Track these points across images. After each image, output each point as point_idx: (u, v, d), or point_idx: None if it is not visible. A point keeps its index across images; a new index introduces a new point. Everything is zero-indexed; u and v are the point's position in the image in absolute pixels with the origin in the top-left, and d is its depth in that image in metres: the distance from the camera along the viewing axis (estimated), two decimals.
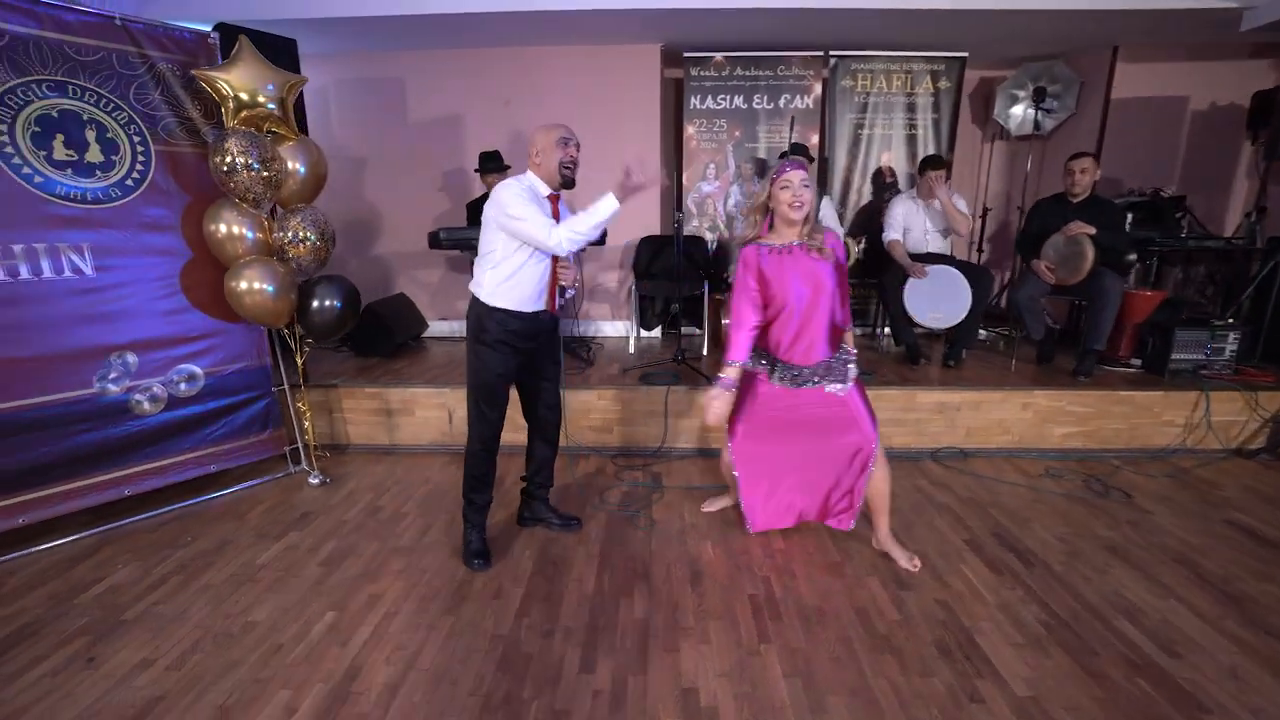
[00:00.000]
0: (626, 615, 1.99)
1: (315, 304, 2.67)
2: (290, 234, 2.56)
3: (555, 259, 2.13)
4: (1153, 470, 3.08)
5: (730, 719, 1.57)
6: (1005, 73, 4.65)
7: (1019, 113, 4.65)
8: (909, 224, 3.86)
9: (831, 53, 4.21)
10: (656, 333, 4.62)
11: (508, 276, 2.08)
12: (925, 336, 4.44)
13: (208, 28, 3.11)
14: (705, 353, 4.03)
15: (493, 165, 4.10)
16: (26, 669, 1.75)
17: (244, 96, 2.45)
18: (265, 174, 2.47)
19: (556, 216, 2.11)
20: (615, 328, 4.74)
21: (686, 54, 4.30)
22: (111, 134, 2.37)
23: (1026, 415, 3.27)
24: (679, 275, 3.67)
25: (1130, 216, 3.95)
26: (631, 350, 4.16)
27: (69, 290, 2.32)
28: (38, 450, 2.29)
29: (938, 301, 3.60)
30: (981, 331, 4.61)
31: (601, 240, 3.93)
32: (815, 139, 4.37)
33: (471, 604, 2.05)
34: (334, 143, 4.59)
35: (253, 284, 2.49)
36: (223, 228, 2.48)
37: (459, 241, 3.54)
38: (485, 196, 4.19)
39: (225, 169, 2.40)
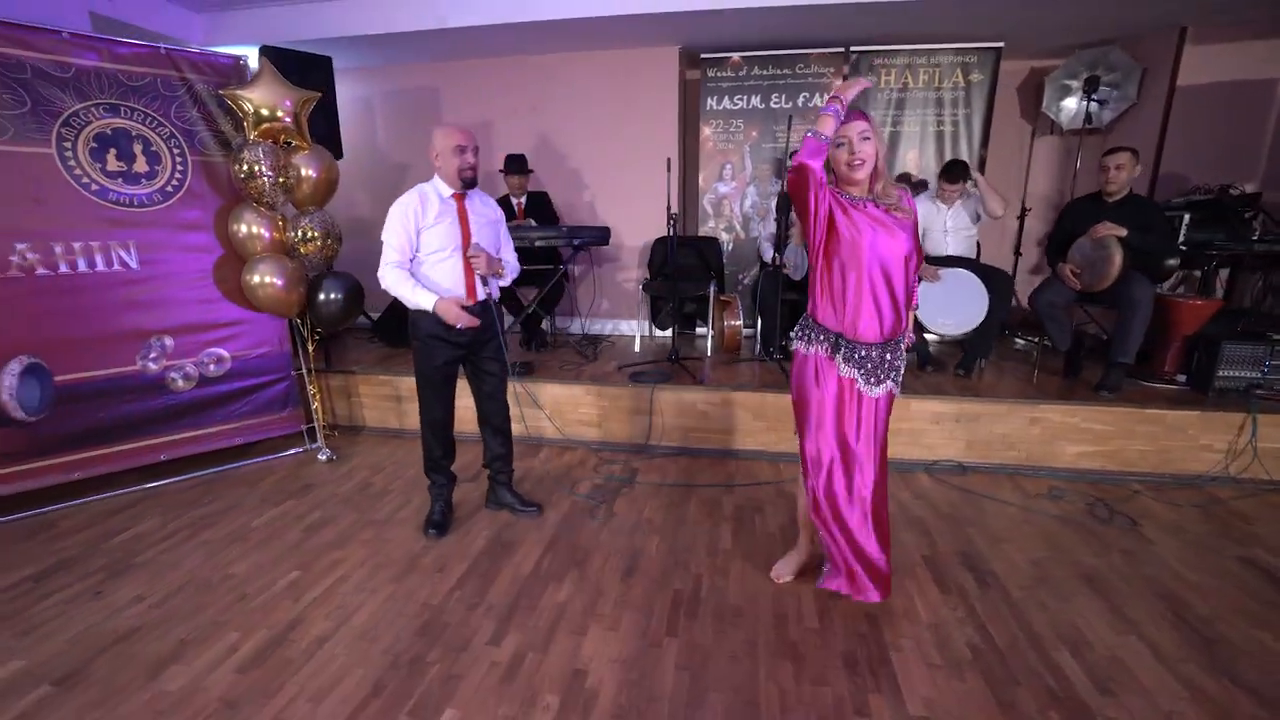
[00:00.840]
0: (550, 598, 2.09)
1: (321, 297, 2.97)
2: (300, 233, 2.86)
3: (465, 252, 2.24)
4: (1179, 499, 2.78)
5: (607, 702, 1.63)
6: (1057, 62, 4.30)
7: (1072, 105, 4.29)
8: (928, 225, 3.68)
9: (852, 48, 4.07)
10: (670, 332, 4.66)
11: (415, 272, 2.24)
12: (954, 345, 4.22)
13: (255, 49, 3.53)
14: (709, 353, 4.04)
15: (515, 167, 4.30)
16: (48, 595, 2.10)
17: (264, 112, 2.76)
18: (279, 180, 2.78)
19: (464, 215, 2.24)
20: (631, 327, 4.83)
21: (704, 55, 4.31)
22: (155, 147, 2.75)
23: (1034, 431, 3.05)
24: (675, 275, 3.70)
25: (1187, 218, 3.56)
26: (637, 349, 4.24)
27: (117, 281, 2.73)
28: (89, 416, 2.72)
29: (950, 307, 3.41)
30: (1019, 340, 4.31)
31: (607, 240, 4.04)
32: None
33: (416, 575, 2.22)
34: (377, 150, 5.02)
35: (264, 278, 2.81)
36: (244, 228, 2.82)
37: None
38: (506, 197, 4.44)
39: (243, 175, 2.72)
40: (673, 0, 3.78)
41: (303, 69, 3.81)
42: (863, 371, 1.83)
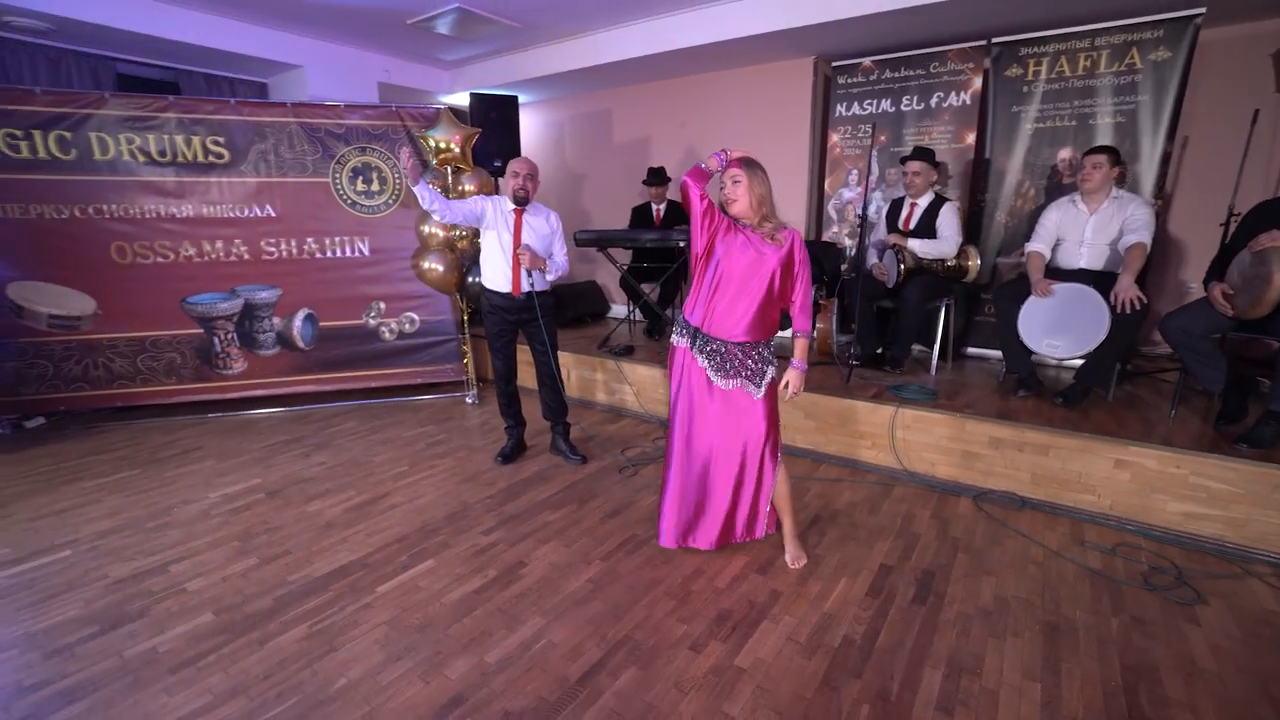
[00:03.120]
0: (543, 518, 2.70)
1: (469, 280, 4.01)
2: (458, 232, 3.93)
3: (515, 247, 2.89)
4: None
5: (526, 584, 2.19)
6: None
7: None
8: (1064, 233, 3.25)
9: (993, 40, 3.69)
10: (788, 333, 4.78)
11: (482, 261, 2.99)
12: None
13: (459, 94, 4.79)
14: None
15: (654, 179, 4.93)
16: (288, 451, 3.46)
17: (442, 145, 3.88)
18: (447, 195, 3.87)
19: (518, 225, 2.89)
20: None
21: (835, 63, 4.33)
22: (384, 174, 4.08)
23: (1121, 476, 2.59)
24: None
25: None
26: None
27: (356, 264, 4.14)
28: (334, 351, 4.20)
29: (1060, 327, 3.01)
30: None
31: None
32: (971, 138, 3.88)
33: (472, 484, 3.05)
34: (565, 162, 6.11)
35: (431, 263, 3.94)
36: (425, 229, 3.99)
37: (589, 241, 4.49)
38: (648, 204, 5.10)
39: None
40: (807, 14, 3.95)
41: (500, 106, 5.02)
42: (713, 363, 2.13)
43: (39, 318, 3.65)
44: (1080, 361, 3.22)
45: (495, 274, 3.03)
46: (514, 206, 2.95)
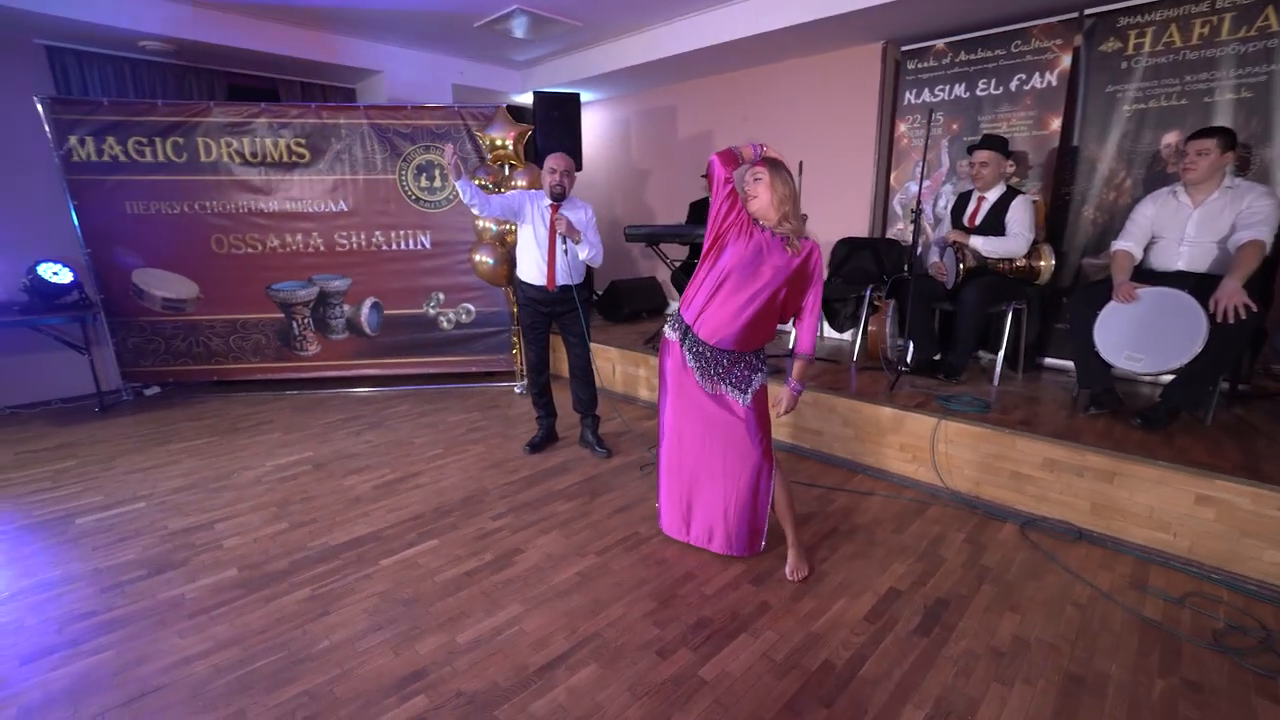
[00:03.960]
0: (552, 508, 2.73)
1: (514, 273, 4.13)
2: (508, 226, 4.06)
3: (552, 228, 2.92)
4: None
5: (517, 570, 2.24)
6: None
7: None
8: (1160, 230, 2.83)
9: (1087, 11, 3.24)
10: (849, 335, 4.52)
11: (518, 254, 3.06)
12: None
13: (530, 93, 4.93)
14: (855, 357, 3.88)
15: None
16: (341, 429, 3.75)
17: (497, 142, 4.02)
18: (498, 191, 4.01)
19: (553, 222, 2.91)
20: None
21: (904, 48, 4.00)
22: (445, 171, 4.29)
23: (1205, 514, 2.21)
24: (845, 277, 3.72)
25: None
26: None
27: (418, 256, 4.39)
28: (398, 337, 4.48)
29: (1145, 337, 2.61)
30: None
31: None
32: (1057, 124, 3.44)
33: (495, 469, 3.15)
34: (631, 158, 6.13)
35: (483, 257, 4.09)
36: (479, 223, 4.15)
37: (639, 236, 4.47)
38: (706, 200, 5.03)
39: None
40: None
41: (562, 105, 5.12)
42: (699, 364, 2.07)
43: (155, 300, 4.20)
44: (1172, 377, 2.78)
45: (530, 267, 3.11)
46: (550, 201, 3.00)
